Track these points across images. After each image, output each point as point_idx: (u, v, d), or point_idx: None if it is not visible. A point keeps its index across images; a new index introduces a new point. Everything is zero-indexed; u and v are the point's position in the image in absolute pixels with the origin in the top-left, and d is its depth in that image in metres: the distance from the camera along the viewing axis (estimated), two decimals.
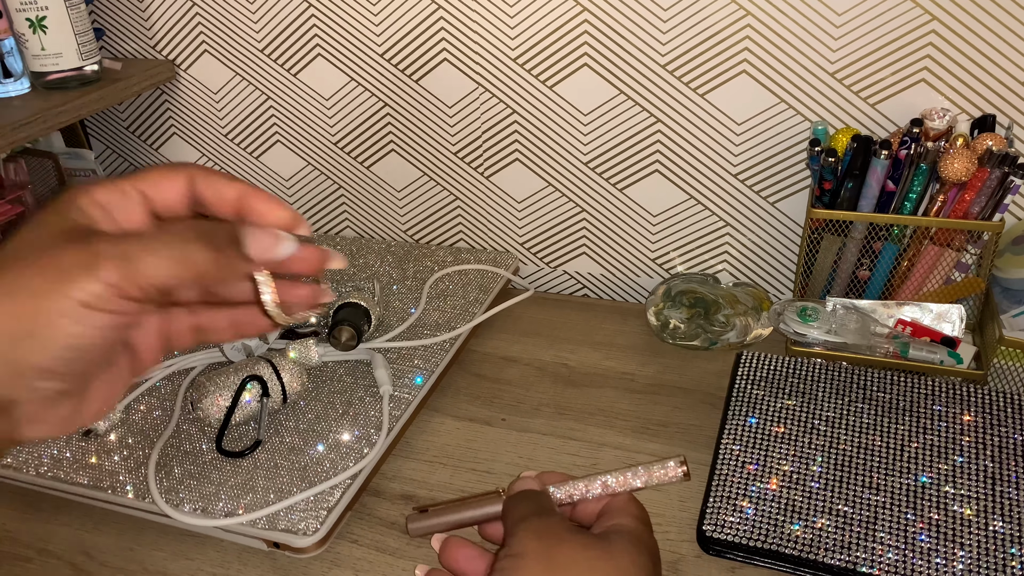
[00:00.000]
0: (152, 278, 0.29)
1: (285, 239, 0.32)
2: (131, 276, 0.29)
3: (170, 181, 0.33)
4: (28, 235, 0.31)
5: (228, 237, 0.31)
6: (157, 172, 0.33)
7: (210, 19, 0.84)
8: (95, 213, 0.31)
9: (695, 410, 0.64)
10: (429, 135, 0.83)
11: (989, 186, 0.59)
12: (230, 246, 0.31)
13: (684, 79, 0.72)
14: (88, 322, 0.29)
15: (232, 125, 0.90)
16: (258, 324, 0.35)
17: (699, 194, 0.77)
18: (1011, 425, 0.55)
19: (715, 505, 0.52)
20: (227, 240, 0.31)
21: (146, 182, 0.33)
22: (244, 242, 0.31)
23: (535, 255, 0.86)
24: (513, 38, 0.75)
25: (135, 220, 0.33)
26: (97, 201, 0.32)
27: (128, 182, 0.33)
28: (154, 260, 0.29)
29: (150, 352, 0.35)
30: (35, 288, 0.29)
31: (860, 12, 0.65)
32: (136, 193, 0.33)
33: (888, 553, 0.48)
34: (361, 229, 0.92)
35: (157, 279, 0.29)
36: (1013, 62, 0.63)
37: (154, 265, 0.29)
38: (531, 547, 0.35)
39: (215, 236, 0.31)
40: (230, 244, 0.31)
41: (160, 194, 0.33)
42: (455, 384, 0.68)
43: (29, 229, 0.31)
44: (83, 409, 0.32)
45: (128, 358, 0.34)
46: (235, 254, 0.31)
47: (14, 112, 0.72)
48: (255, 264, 0.32)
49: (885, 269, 0.66)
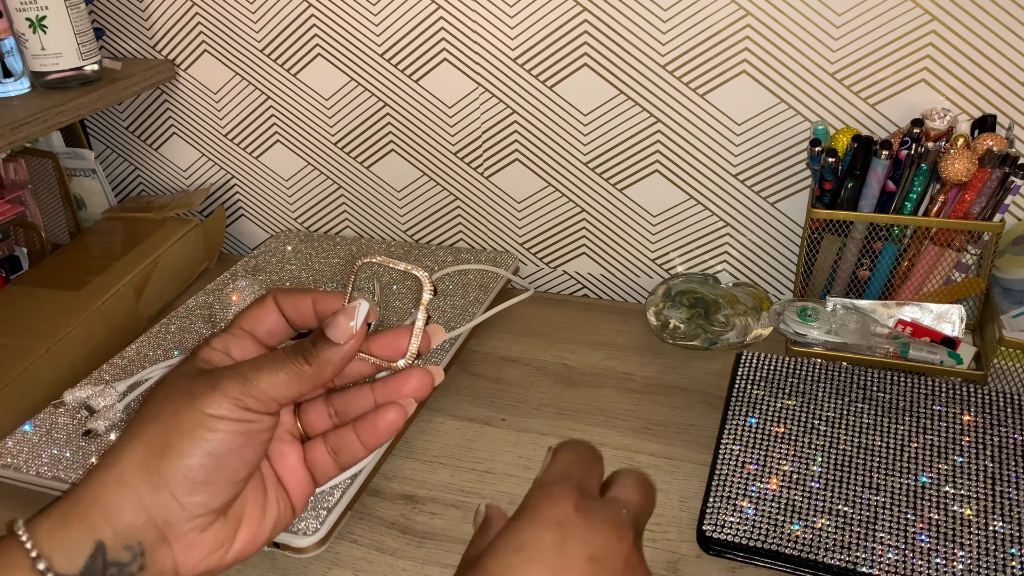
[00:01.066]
0: (265, 389, 0.35)
1: (356, 312, 0.37)
2: (247, 390, 0.35)
3: (263, 311, 0.39)
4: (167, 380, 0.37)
5: (314, 337, 0.37)
6: (252, 308, 0.40)
7: (210, 19, 0.84)
8: (215, 357, 0.37)
9: (695, 410, 0.64)
10: (429, 135, 0.83)
11: (989, 186, 0.59)
12: (318, 343, 0.36)
13: (684, 79, 0.72)
14: (219, 428, 0.34)
15: (232, 125, 0.90)
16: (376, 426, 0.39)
17: (699, 194, 0.77)
18: (1011, 425, 0.55)
19: (715, 505, 0.52)
20: (313, 339, 0.37)
21: (247, 320, 0.39)
22: (327, 333, 0.36)
23: (535, 255, 0.86)
24: (513, 38, 0.75)
25: (251, 353, 0.38)
26: (215, 348, 0.38)
27: (235, 324, 0.39)
28: (265, 375, 0.35)
29: (299, 486, 0.40)
30: (174, 410, 0.34)
31: (860, 12, 0.65)
32: (243, 331, 0.39)
33: (888, 553, 0.48)
34: (361, 229, 0.92)
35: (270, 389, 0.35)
36: (1013, 62, 0.63)
37: (265, 379, 0.35)
38: None
39: (304, 343, 0.37)
40: (317, 341, 0.37)
41: (261, 325, 0.39)
42: (455, 384, 0.68)
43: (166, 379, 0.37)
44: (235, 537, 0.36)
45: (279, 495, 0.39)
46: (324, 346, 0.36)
47: (14, 112, 0.72)
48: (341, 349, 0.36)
49: (885, 269, 0.66)
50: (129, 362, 0.68)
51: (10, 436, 0.61)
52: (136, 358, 0.69)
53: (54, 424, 0.62)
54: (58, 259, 0.82)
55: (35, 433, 0.61)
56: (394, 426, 0.39)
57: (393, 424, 0.39)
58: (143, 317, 0.79)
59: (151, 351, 0.70)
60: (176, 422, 0.34)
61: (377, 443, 0.39)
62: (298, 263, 0.82)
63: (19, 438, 0.60)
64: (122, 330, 0.76)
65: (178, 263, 0.84)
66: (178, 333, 0.72)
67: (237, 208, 0.96)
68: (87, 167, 0.93)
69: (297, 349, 0.36)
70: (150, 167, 0.97)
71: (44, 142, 0.91)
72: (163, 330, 0.73)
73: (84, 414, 0.62)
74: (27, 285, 0.77)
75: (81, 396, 0.63)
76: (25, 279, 0.79)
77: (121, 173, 0.99)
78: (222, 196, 0.96)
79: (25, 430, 0.61)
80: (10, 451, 0.59)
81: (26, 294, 0.75)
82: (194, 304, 0.76)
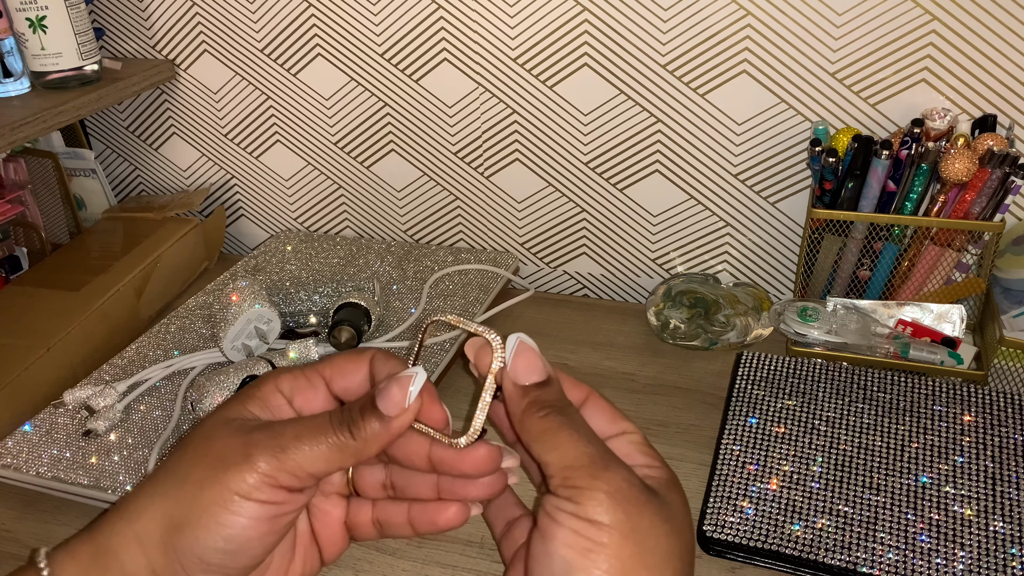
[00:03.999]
0: (302, 463, 0.31)
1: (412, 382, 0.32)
2: (283, 465, 0.30)
3: (355, 369, 0.34)
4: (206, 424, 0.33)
5: (363, 405, 0.32)
6: (343, 359, 0.35)
7: (210, 19, 0.84)
8: (274, 401, 0.34)
9: (695, 410, 0.64)
10: (429, 135, 0.83)
11: (990, 186, 0.59)
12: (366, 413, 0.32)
13: (684, 79, 0.72)
14: (243, 512, 0.30)
15: (232, 125, 0.90)
16: (434, 522, 0.34)
17: (699, 194, 0.77)
18: (1011, 425, 0.55)
19: (715, 505, 0.52)
20: (362, 407, 0.32)
21: (333, 369, 0.34)
22: (377, 402, 0.32)
23: (535, 255, 0.86)
24: (513, 38, 0.75)
25: (316, 404, 0.34)
26: (281, 390, 0.34)
27: (315, 370, 0.34)
28: (304, 447, 0.31)
29: (334, 545, 0.36)
30: (198, 478, 0.31)
31: (861, 12, 0.65)
32: (321, 381, 0.34)
33: (888, 553, 0.48)
34: (361, 229, 0.92)
35: (307, 464, 0.31)
36: (1014, 62, 0.63)
37: (303, 452, 0.31)
38: (617, 518, 0.29)
39: (352, 409, 0.32)
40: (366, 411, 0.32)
41: (343, 381, 0.35)
42: (455, 384, 0.68)
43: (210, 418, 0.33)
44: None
45: (309, 552, 0.36)
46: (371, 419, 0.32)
47: (14, 112, 0.71)
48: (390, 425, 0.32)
49: (885, 269, 0.66)
50: (129, 362, 0.68)
51: (10, 436, 0.61)
52: (136, 358, 0.69)
53: (54, 424, 0.62)
54: (58, 259, 0.82)
55: (35, 433, 0.61)
56: (453, 525, 0.34)
57: (452, 523, 0.34)
58: (143, 317, 0.79)
59: (151, 351, 0.70)
60: (199, 496, 0.31)
61: (430, 532, 0.35)
62: (298, 263, 0.82)
63: (19, 438, 0.60)
64: (122, 330, 0.76)
65: (178, 263, 0.84)
66: (178, 333, 0.72)
67: (237, 208, 0.96)
68: (87, 167, 0.93)
69: (344, 418, 0.32)
70: (150, 167, 0.97)
71: (44, 142, 0.91)
72: (163, 330, 0.73)
73: (84, 414, 0.62)
74: (27, 285, 0.77)
75: (81, 396, 0.63)
76: (25, 279, 0.79)
77: (121, 173, 0.99)
78: (222, 196, 0.95)
79: (25, 430, 0.61)
80: (10, 451, 0.59)
81: (26, 294, 0.75)
82: (194, 304, 0.76)
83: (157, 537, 0.31)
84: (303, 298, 0.71)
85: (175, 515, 0.31)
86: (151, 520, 0.31)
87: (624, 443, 0.34)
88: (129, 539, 0.31)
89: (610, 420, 0.35)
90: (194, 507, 0.31)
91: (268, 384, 0.34)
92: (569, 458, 0.30)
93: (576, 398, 0.35)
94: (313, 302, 0.71)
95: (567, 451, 0.30)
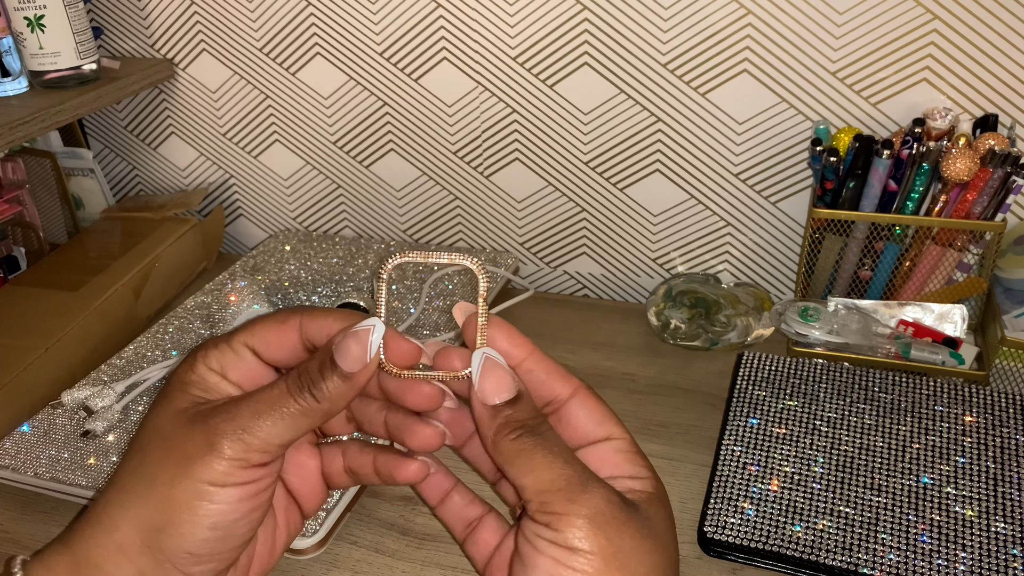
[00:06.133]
0: (268, 438, 0.31)
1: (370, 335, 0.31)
2: (250, 446, 0.30)
3: (281, 335, 0.33)
4: (156, 420, 0.32)
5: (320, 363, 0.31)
6: (265, 327, 0.33)
7: (209, 18, 0.84)
8: (210, 380, 0.33)
9: (696, 411, 0.64)
10: (428, 135, 0.82)
11: (991, 186, 0.59)
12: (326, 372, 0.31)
13: (685, 78, 0.72)
14: (221, 499, 0.30)
15: (231, 124, 0.90)
16: (392, 476, 0.35)
17: (700, 194, 0.76)
18: (1013, 426, 0.55)
19: (716, 506, 0.52)
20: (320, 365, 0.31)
21: (254, 338, 0.33)
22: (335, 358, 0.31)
23: (535, 255, 0.86)
24: (513, 37, 0.75)
25: (252, 376, 0.33)
26: (211, 367, 0.33)
27: (236, 339, 0.33)
28: (265, 422, 0.30)
29: (314, 497, 0.37)
30: (167, 477, 0.30)
31: (862, 11, 0.65)
32: (247, 350, 0.33)
33: (890, 554, 0.48)
34: (360, 229, 0.92)
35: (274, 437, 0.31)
36: (1015, 61, 0.63)
37: (266, 427, 0.30)
38: (598, 544, 0.29)
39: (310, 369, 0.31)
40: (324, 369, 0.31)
41: (271, 353, 0.33)
42: None
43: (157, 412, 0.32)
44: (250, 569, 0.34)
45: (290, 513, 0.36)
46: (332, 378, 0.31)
47: (12, 111, 0.71)
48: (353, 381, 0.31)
49: (887, 269, 0.66)
50: (127, 362, 0.68)
51: (8, 437, 0.60)
52: (134, 358, 0.69)
53: (52, 425, 0.61)
54: (56, 259, 0.82)
55: (33, 434, 0.61)
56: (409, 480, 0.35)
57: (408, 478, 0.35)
58: (141, 317, 0.79)
59: (149, 351, 0.69)
60: (171, 496, 0.30)
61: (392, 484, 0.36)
62: (297, 263, 0.82)
63: (17, 439, 0.60)
64: (120, 330, 0.75)
65: (177, 263, 0.84)
66: (177, 333, 0.72)
67: (236, 208, 0.96)
68: (85, 166, 0.92)
69: (302, 382, 0.31)
70: (148, 166, 0.97)
71: (42, 141, 0.91)
72: (161, 330, 0.72)
73: (82, 415, 0.61)
74: (25, 285, 0.77)
75: (79, 397, 0.63)
76: (23, 279, 0.79)
77: (119, 172, 0.98)
78: (221, 195, 0.95)
79: (23, 431, 0.61)
80: (8, 452, 0.59)
81: (24, 294, 0.75)
82: (193, 304, 0.76)
83: (139, 543, 0.31)
84: (302, 298, 0.71)
85: (153, 519, 0.30)
86: (129, 528, 0.31)
87: (610, 450, 0.33)
88: (111, 550, 0.31)
89: (597, 421, 0.34)
90: (171, 507, 0.30)
91: (199, 365, 0.33)
92: (545, 482, 0.30)
93: (562, 394, 0.34)
94: (312, 302, 0.71)
95: (542, 474, 0.30)
